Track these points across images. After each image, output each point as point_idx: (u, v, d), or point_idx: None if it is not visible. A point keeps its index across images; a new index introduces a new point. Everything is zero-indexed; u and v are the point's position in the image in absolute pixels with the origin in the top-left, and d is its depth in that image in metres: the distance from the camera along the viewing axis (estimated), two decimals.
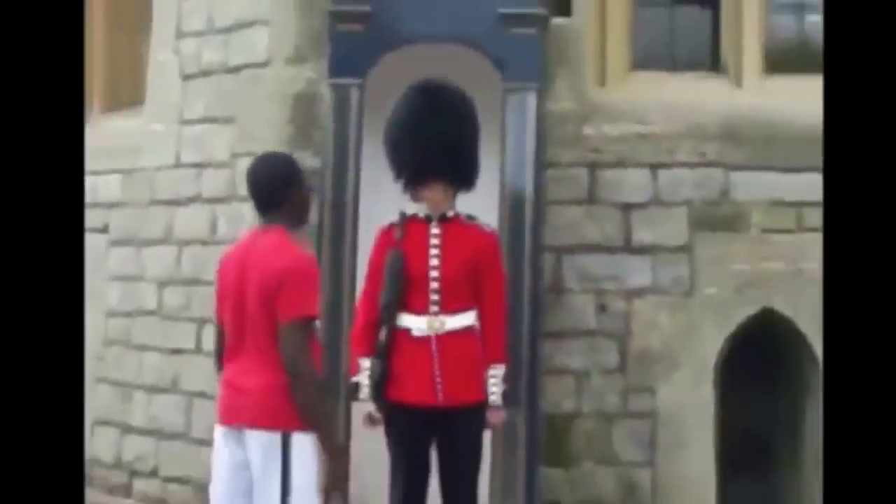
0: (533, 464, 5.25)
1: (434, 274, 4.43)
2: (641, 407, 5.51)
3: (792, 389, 5.72)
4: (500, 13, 5.14)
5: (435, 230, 4.44)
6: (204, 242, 6.08)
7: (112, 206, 6.91)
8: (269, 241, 3.69)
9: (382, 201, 4.89)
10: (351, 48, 5.34)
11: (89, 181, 5.94)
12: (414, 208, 4.50)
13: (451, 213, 4.44)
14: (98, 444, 6.83)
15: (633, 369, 5.52)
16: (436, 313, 4.41)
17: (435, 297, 4.43)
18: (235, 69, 6.18)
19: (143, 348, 6.61)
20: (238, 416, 3.66)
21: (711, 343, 5.49)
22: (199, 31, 6.48)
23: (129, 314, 6.84)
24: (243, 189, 4.33)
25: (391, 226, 4.52)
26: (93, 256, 6.27)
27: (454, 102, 4.48)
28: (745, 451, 5.79)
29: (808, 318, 5.24)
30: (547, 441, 5.46)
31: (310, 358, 3.61)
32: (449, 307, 4.43)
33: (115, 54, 7.55)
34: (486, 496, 4.98)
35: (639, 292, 5.53)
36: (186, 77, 6.43)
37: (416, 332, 4.43)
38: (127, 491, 6.19)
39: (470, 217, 4.52)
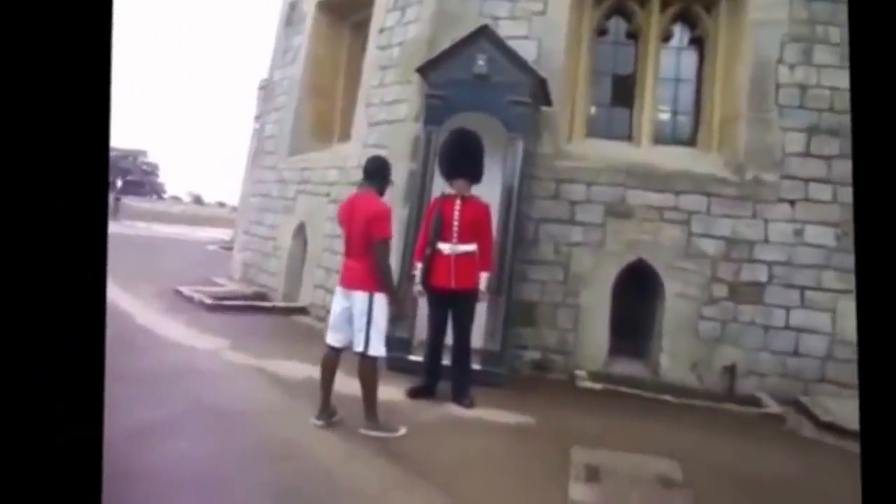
0: (507, 323, 7.66)
1: (455, 223, 6.79)
2: (573, 301, 8.71)
3: (649, 298, 8.80)
4: (508, 99, 7.75)
5: (458, 202, 6.86)
6: None
7: (332, 183, 10.70)
8: (366, 197, 5.70)
9: (437, 186, 7.61)
10: (434, 112, 8.03)
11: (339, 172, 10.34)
12: (449, 191, 7.03)
13: (467, 195, 6.90)
14: (316, 296, 10.63)
15: (570, 282, 8.73)
16: (454, 242, 6.80)
17: (455, 234, 6.79)
18: (389, 122, 9.77)
19: (331, 251, 10.07)
20: (348, 282, 5.70)
21: (610, 273, 8.72)
22: (375, 104, 10.11)
23: (328, 237, 10.42)
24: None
25: (436, 198, 7.21)
26: (323, 214, 10.61)
27: (470, 139, 6.97)
28: (624, 326, 8.79)
29: (660, 265, 8.61)
30: (521, 315, 8.46)
31: (387, 258, 5.57)
32: (461, 240, 6.80)
33: (345, 114, 11.80)
34: (480, 339, 7.52)
35: (576, 244, 8.77)
36: (369, 125, 10.13)
37: (444, 251, 6.82)
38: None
39: (477, 197, 6.96)
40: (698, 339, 8.45)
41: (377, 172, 5.84)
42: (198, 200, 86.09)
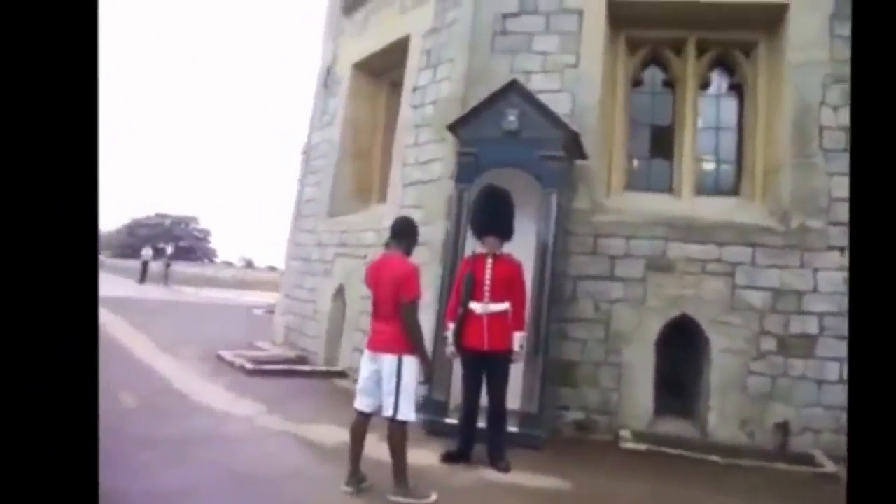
0: (544, 384, 7.42)
1: (487, 282, 6.69)
2: (615, 360, 8.40)
3: (694, 355, 8.45)
4: (540, 154, 7.66)
5: (489, 261, 6.77)
6: None
7: (369, 246, 10.55)
8: (395, 257, 5.69)
9: (471, 245, 7.40)
10: (466, 169, 8.03)
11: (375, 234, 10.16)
12: (480, 249, 6.95)
13: (498, 252, 6.79)
14: (354, 359, 10.43)
15: (611, 340, 8.43)
16: (486, 301, 6.67)
17: (487, 293, 6.68)
18: (424, 181, 9.67)
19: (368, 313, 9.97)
20: (376, 345, 5.61)
21: (653, 329, 8.41)
22: (410, 164, 10.06)
23: (366, 299, 9.79)
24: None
25: (467, 257, 7.16)
26: (361, 277, 10.44)
27: (501, 197, 6.89)
28: (669, 385, 8.48)
29: (705, 319, 8.29)
30: (562, 375, 8.28)
31: (417, 319, 5.52)
32: (493, 298, 6.67)
33: (383, 175, 11.67)
34: (518, 401, 7.34)
35: (617, 301, 8.50)
36: (405, 185, 10.05)
37: (476, 311, 6.69)
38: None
39: (509, 255, 6.84)
40: (747, 395, 8.13)
41: (403, 233, 5.81)
42: (249, 265, 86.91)
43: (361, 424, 5.60)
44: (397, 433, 5.44)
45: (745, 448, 7.80)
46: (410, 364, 5.46)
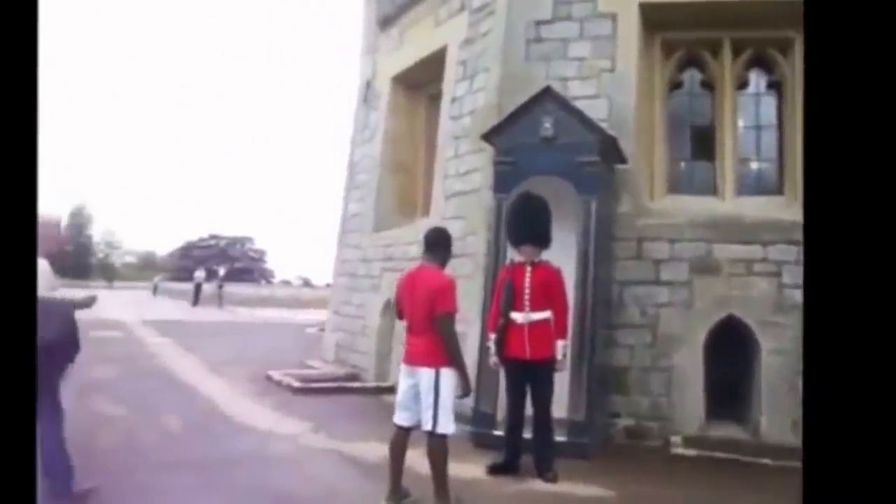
0: (591, 392, 7.37)
1: (527, 291, 6.64)
2: (664, 364, 8.32)
3: (744, 357, 8.34)
4: (577, 160, 7.60)
5: (528, 269, 6.73)
6: None
7: (413, 259, 9.63)
8: (430, 269, 5.61)
9: (510, 254, 7.37)
10: (503, 178, 8.02)
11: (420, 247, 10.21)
12: (518, 258, 6.92)
13: (536, 260, 6.75)
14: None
15: (660, 345, 8.35)
16: (527, 311, 6.61)
17: (527, 302, 6.63)
18: (465, 193, 9.69)
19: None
20: (413, 359, 5.55)
21: (701, 332, 8.30)
22: (450, 176, 10.08)
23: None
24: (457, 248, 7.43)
25: (505, 266, 7.10)
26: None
27: (537, 204, 6.83)
28: (719, 389, 8.33)
29: (753, 320, 8.20)
30: (612, 381, 8.24)
31: (454, 331, 5.41)
32: (534, 307, 6.61)
33: (426, 188, 11.66)
34: (565, 410, 7.29)
35: (663, 305, 8.43)
36: (447, 198, 10.09)
37: (517, 320, 6.63)
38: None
39: (547, 262, 6.79)
40: (798, 396, 7.89)
41: (437, 244, 5.73)
42: (307, 283, 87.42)
43: (401, 439, 5.52)
44: (437, 447, 5.35)
45: (797, 449, 7.58)
46: (448, 377, 5.36)
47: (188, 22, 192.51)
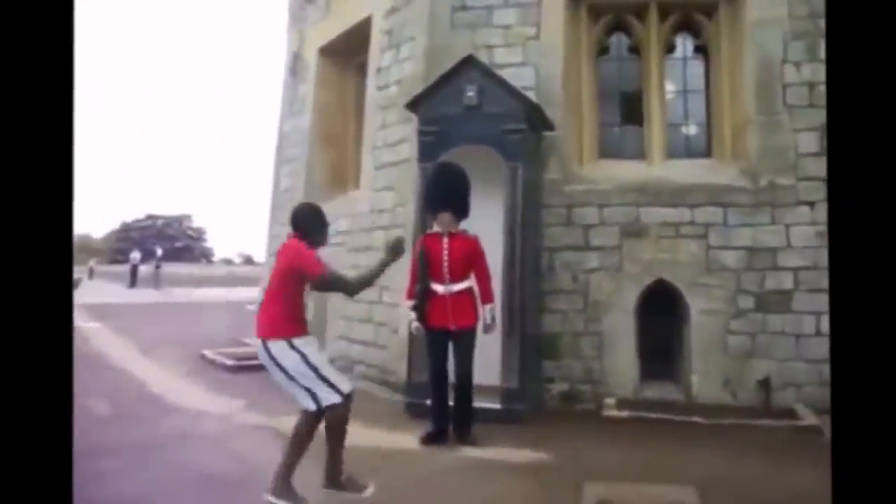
0: (524, 359, 7.47)
1: (445, 262, 6.66)
2: (595, 329, 8.43)
3: (674, 318, 8.52)
4: (503, 128, 7.63)
5: (445, 240, 6.71)
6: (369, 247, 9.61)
7: (346, 232, 10.42)
8: (289, 243, 4.99)
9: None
10: (428, 148, 7.97)
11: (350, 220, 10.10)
12: (435, 228, 6.90)
13: (454, 230, 6.73)
14: (337, 347, 10.25)
15: (591, 310, 8.46)
16: (448, 282, 6.65)
17: (447, 274, 6.65)
18: (394, 163, 9.59)
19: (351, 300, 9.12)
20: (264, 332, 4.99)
21: (631, 296, 8.44)
22: (379, 147, 9.97)
23: None
24: (381, 217, 8.20)
25: (422, 237, 7.06)
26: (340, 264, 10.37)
27: (454, 173, 6.83)
28: (652, 351, 8.51)
29: (682, 283, 8.30)
30: (545, 347, 8.33)
31: (336, 284, 5.05)
32: (454, 279, 6.66)
33: (357, 160, 11.35)
34: (497, 377, 7.44)
35: (593, 270, 8.51)
36: (376, 169, 9.96)
37: (439, 291, 6.68)
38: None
39: (464, 232, 6.76)
40: (728, 354, 8.15)
41: (296, 221, 5.12)
42: (248, 260, 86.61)
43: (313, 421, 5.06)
44: (331, 422, 4.93)
45: (729, 407, 7.82)
46: (308, 344, 4.84)
47: None
